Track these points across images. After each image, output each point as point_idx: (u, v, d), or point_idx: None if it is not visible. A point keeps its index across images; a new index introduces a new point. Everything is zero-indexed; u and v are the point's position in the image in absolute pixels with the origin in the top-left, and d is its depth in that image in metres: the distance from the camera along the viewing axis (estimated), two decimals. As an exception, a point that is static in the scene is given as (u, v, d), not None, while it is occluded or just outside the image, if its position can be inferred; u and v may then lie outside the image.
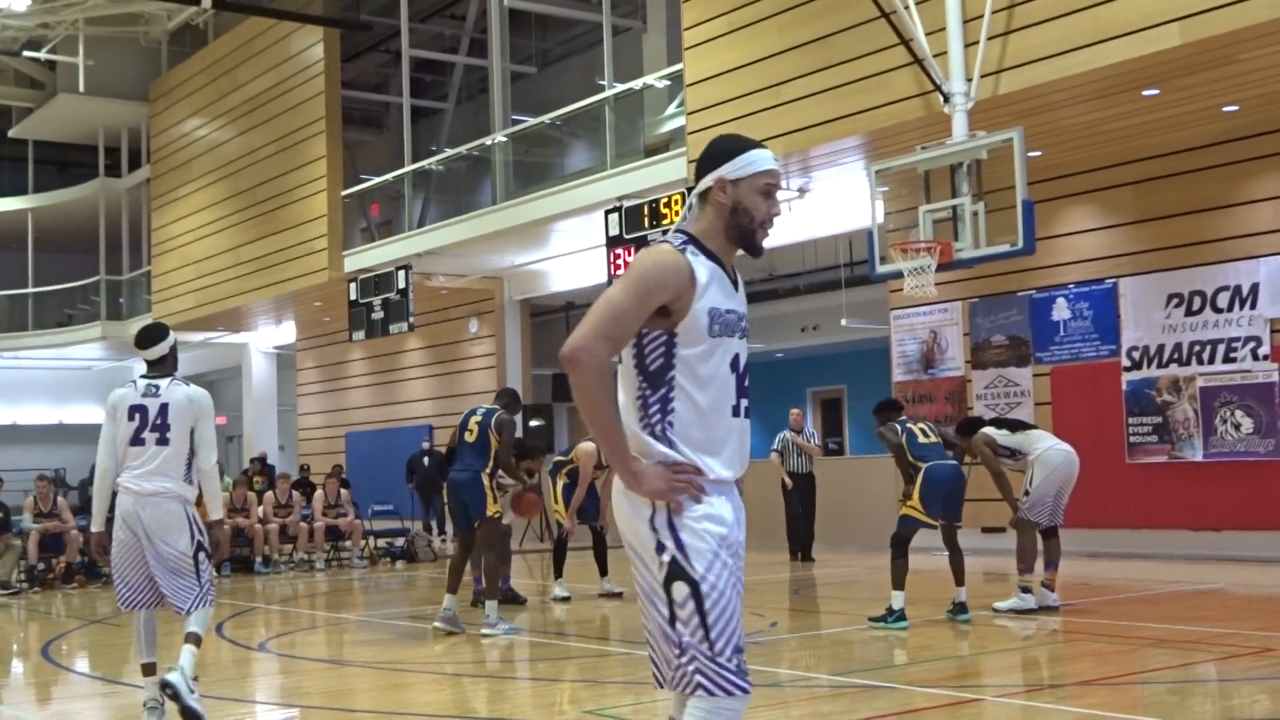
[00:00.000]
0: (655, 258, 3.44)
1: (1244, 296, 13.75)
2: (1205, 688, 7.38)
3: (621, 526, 3.47)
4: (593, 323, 3.40)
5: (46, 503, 16.15)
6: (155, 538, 6.64)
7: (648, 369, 3.46)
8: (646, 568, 3.39)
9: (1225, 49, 11.37)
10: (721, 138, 3.62)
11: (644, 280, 3.40)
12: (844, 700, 7.06)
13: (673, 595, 3.33)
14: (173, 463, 6.72)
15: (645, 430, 3.43)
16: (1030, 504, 10.48)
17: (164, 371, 7.00)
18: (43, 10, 25.35)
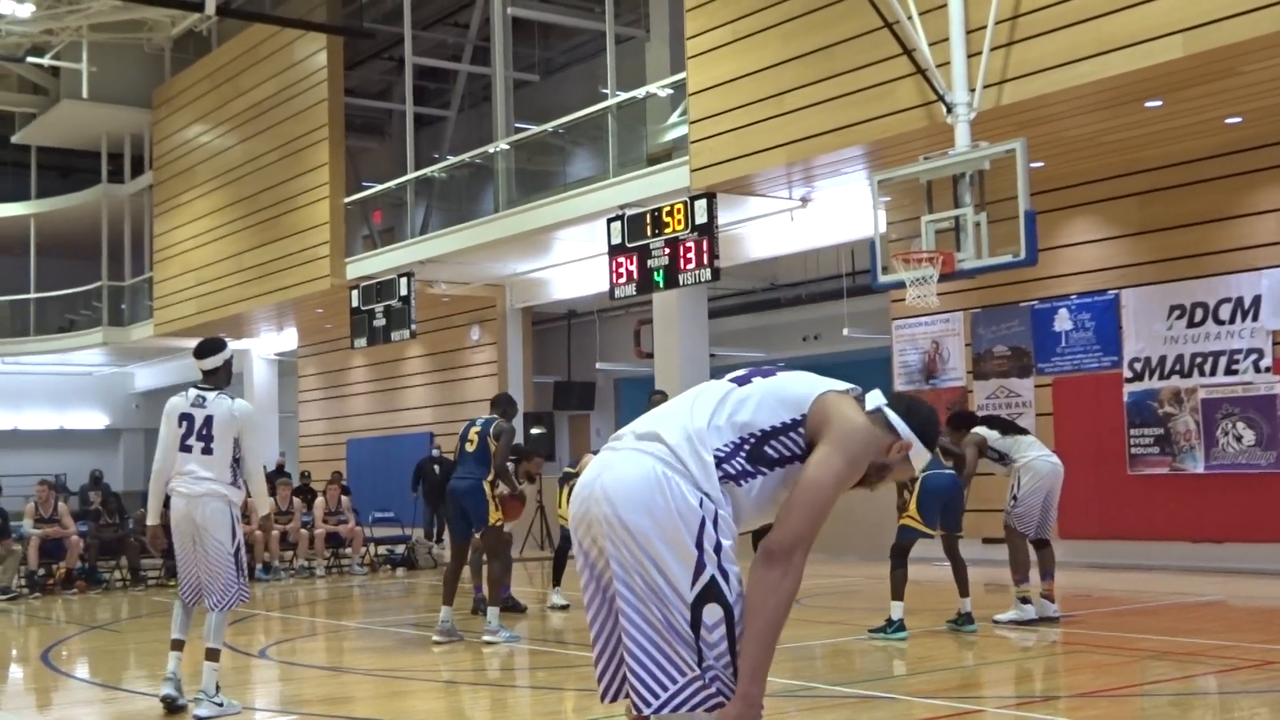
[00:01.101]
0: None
1: (1246, 308, 13.76)
2: (1206, 700, 7.37)
3: (642, 520, 3.26)
4: (815, 518, 3.31)
5: (47, 508, 16.15)
6: (206, 534, 7.32)
7: (765, 445, 3.42)
8: (662, 573, 3.24)
9: (1228, 61, 11.37)
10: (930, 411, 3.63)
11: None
12: (844, 711, 7.05)
13: (703, 616, 3.24)
14: (217, 469, 7.38)
15: (720, 472, 3.35)
16: (1019, 513, 10.44)
17: (215, 383, 7.69)
18: (47, 16, 25.38)
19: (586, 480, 3.40)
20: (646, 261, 16.38)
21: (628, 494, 3.29)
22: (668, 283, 16.28)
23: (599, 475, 3.38)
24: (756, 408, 3.42)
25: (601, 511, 3.31)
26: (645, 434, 3.42)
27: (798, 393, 3.45)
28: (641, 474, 3.30)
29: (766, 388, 3.46)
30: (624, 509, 3.28)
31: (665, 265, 16.17)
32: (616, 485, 3.31)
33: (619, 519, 3.28)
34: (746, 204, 16.77)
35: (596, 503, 3.33)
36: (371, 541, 18.84)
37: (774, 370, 3.59)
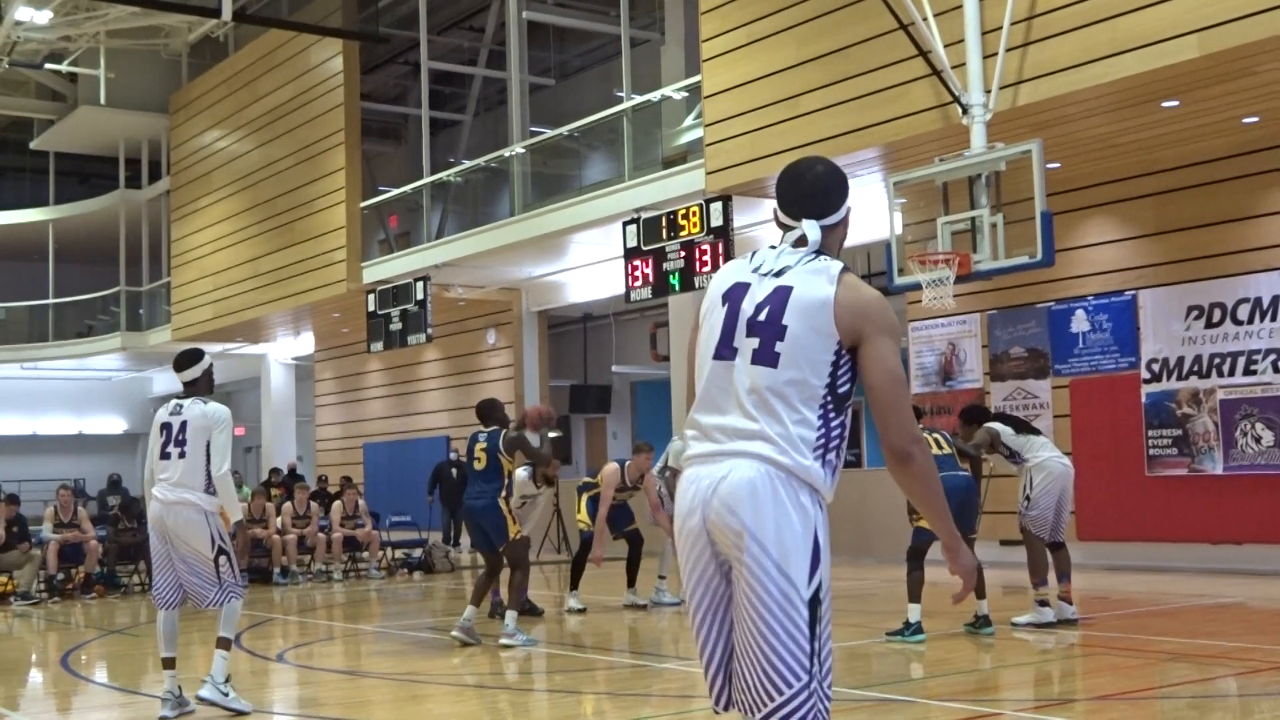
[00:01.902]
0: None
1: (1264, 309, 13.70)
2: (1225, 703, 7.34)
3: (766, 526, 3.28)
4: (905, 409, 3.40)
5: (67, 512, 16.21)
6: (178, 541, 7.37)
7: (838, 391, 3.42)
8: (787, 577, 3.28)
9: (1244, 61, 11.33)
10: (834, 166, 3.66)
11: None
12: (861, 714, 7.04)
13: (820, 614, 3.31)
14: (190, 474, 7.38)
15: (816, 459, 3.36)
16: (1034, 516, 10.40)
17: (195, 393, 7.62)
18: (64, 23, 25.50)
19: (699, 489, 3.38)
20: (662, 264, 16.38)
21: (748, 502, 3.30)
22: (683, 285, 16.29)
23: (714, 485, 3.35)
24: (810, 368, 3.38)
25: (724, 522, 3.32)
26: (738, 432, 3.37)
27: (818, 318, 3.39)
28: (757, 480, 3.31)
29: (795, 342, 3.38)
30: (748, 519, 3.29)
31: (681, 268, 16.17)
32: (734, 494, 3.31)
33: (745, 529, 3.29)
34: (762, 206, 16.75)
35: (718, 513, 3.33)
36: (388, 545, 18.87)
37: (762, 313, 3.45)
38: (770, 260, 3.51)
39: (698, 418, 3.48)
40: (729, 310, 3.49)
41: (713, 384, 3.46)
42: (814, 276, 3.42)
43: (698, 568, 3.41)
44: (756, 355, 3.39)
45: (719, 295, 3.55)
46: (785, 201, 3.59)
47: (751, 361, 3.39)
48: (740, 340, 3.43)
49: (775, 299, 3.42)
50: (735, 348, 3.44)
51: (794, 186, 3.58)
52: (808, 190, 3.56)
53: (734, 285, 3.53)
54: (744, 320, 3.45)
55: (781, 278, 3.44)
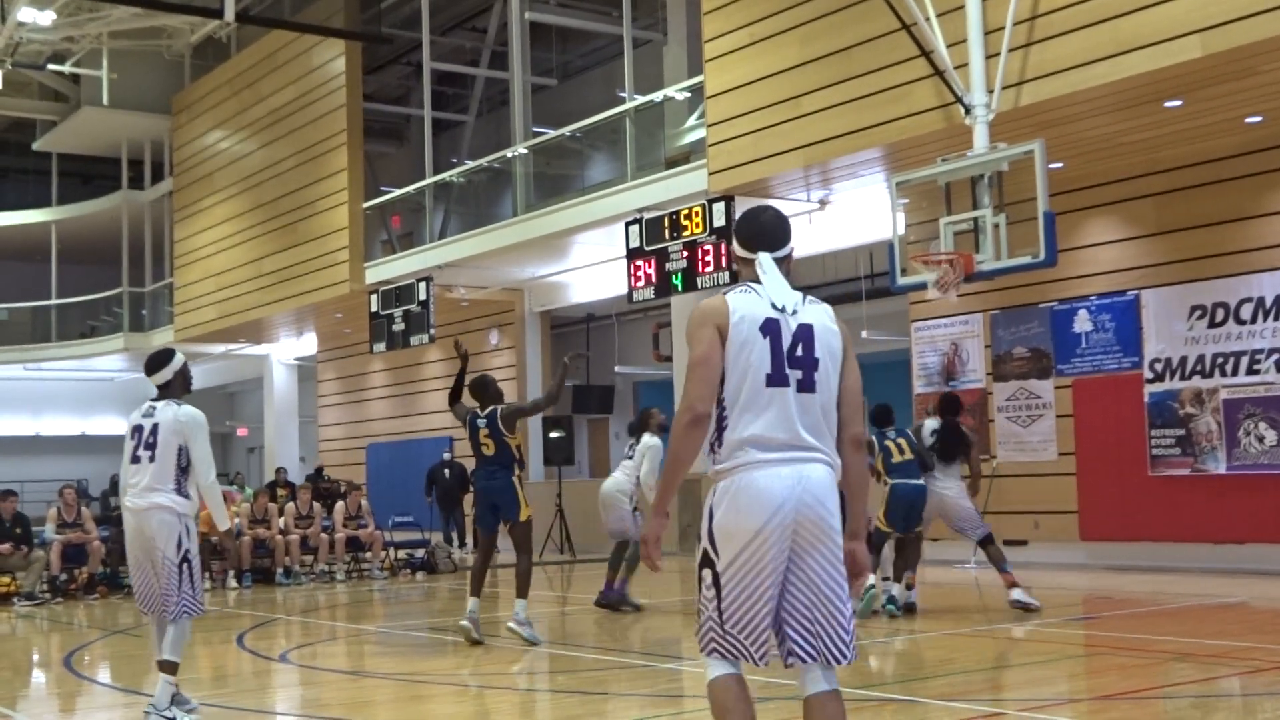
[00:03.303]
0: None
1: (1267, 308, 13.68)
2: (1229, 703, 7.33)
3: (829, 496, 4.18)
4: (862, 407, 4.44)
5: (71, 513, 16.22)
6: (153, 547, 7.16)
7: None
8: (836, 538, 4.19)
9: (1247, 61, 11.33)
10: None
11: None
12: (864, 714, 7.03)
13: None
14: (161, 477, 7.17)
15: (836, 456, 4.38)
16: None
17: (169, 395, 7.42)
18: (67, 24, 25.52)
19: (785, 487, 4.12)
20: (665, 264, 16.38)
21: (830, 497, 4.20)
22: (686, 285, 16.29)
23: (800, 483, 4.13)
24: (833, 388, 4.30)
25: (814, 515, 4.15)
26: (802, 443, 4.17)
27: (836, 349, 4.31)
28: (828, 479, 4.20)
29: (825, 370, 4.24)
30: (829, 512, 4.18)
31: (683, 268, 16.17)
32: (820, 489, 4.16)
33: (826, 521, 4.17)
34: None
35: (808, 507, 4.14)
36: (391, 546, 18.87)
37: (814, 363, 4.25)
38: (781, 298, 4.25)
39: (760, 434, 4.15)
40: (772, 343, 4.19)
41: (771, 405, 4.16)
42: (823, 315, 4.30)
43: (779, 552, 4.12)
44: (801, 384, 4.19)
45: (755, 328, 4.19)
46: (745, 237, 4.38)
47: (799, 390, 4.18)
48: (787, 370, 4.18)
49: (804, 335, 4.22)
50: (786, 375, 4.18)
51: (753, 224, 4.39)
52: (768, 229, 4.38)
53: (767, 319, 4.21)
54: (786, 353, 4.19)
55: (799, 316, 4.24)
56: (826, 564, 4.14)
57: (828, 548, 4.14)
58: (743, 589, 4.12)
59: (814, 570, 4.14)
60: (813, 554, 4.13)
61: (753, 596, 4.12)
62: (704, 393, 4.15)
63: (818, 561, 4.14)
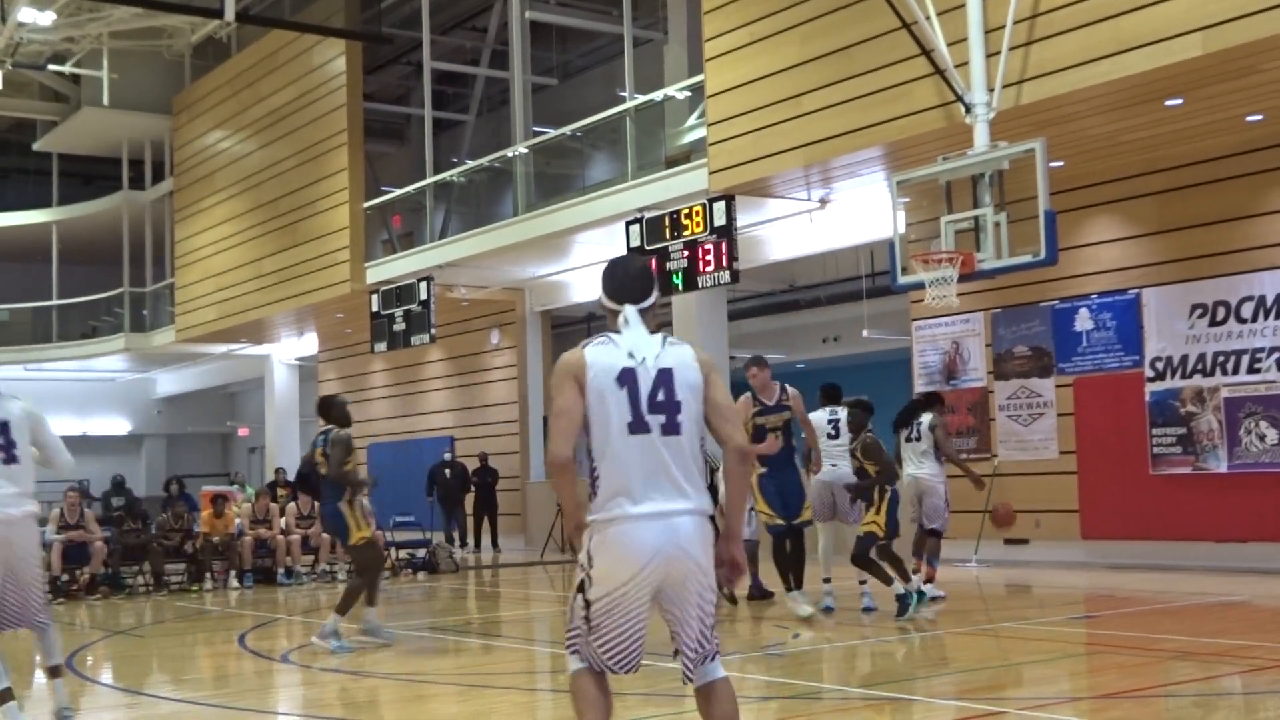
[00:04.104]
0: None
1: (1268, 307, 13.68)
2: (1230, 701, 7.33)
3: (699, 554, 4.45)
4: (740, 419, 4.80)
5: (74, 514, 16.23)
6: (21, 563, 6.76)
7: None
8: (710, 581, 4.49)
9: (1247, 59, 11.32)
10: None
11: None
12: (866, 713, 7.04)
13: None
14: (24, 479, 6.78)
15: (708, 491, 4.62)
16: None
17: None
18: (67, 24, 25.51)
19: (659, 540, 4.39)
20: (665, 264, 16.38)
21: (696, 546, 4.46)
22: (686, 285, 16.29)
23: (669, 537, 4.40)
24: (698, 428, 4.51)
25: (681, 565, 4.42)
26: (678, 490, 4.42)
27: (698, 388, 4.50)
28: (697, 529, 4.45)
29: (689, 412, 4.46)
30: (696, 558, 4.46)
31: (684, 268, 16.18)
32: (687, 543, 4.42)
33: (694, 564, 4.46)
34: (765, 206, 16.76)
35: (676, 560, 4.41)
36: (392, 545, 18.88)
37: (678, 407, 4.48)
38: (639, 349, 4.46)
39: (628, 484, 4.38)
40: (630, 392, 4.39)
41: (636, 454, 4.38)
42: (683, 355, 4.50)
43: (648, 594, 4.43)
44: (665, 428, 4.40)
45: (611, 379, 4.41)
46: (611, 291, 4.67)
47: (664, 434, 4.39)
48: (649, 417, 4.39)
49: (664, 380, 4.42)
50: (647, 421, 4.38)
51: (617, 278, 4.69)
52: (630, 283, 4.66)
53: (623, 370, 4.42)
54: (647, 400, 4.39)
55: (660, 361, 4.44)
56: (695, 595, 4.46)
57: (695, 581, 4.45)
58: (612, 622, 4.47)
59: (684, 601, 4.46)
60: (681, 591, 4.44)
61: (620, 628, 4.47)
62: (562, 442, 4.44)
63: (685, 596, 4.45)
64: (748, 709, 7.50)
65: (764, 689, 8.07)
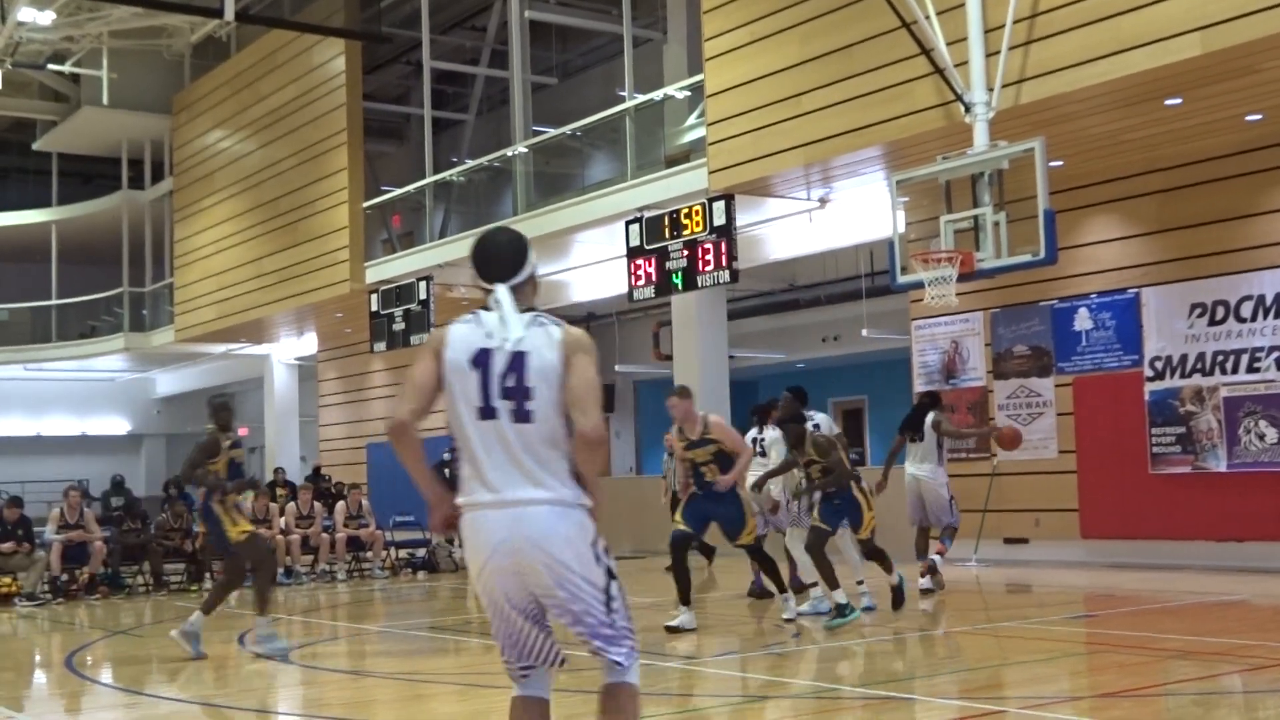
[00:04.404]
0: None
1: (1268, 306, 13.68)
2: (1230, 700, 7.34)
3: (554, 547, 4.17)
4: (599, 405, 4.22)
5: (74, 514, 16.23)
6: None
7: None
8: (583, 575, 4.22)
9: (1247, 59, 11.32)
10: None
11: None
12: (866, 712, 7.04)
13: (612, 592, 4.29)
14: None
15: (572, 483, 4.27)
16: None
17: None
18: (67, 24, 25.51)
19: (504, 531, 4.18)
20: (665, 263, 16.39)
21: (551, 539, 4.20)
22: (686, 285, 16.29)
23: (516, 528, 4.17)
24: (556, 415, 4.21)
25: (534, 559, 4.19)
26: (528, 480, 4.20)
27: (554, 373, 4.21)
28: (550, 520, 4.19)
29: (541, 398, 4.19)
30: (552, 553, 4.21)
31: (684, 267, 16.18)
32: (538, 535, 4.18)
33: (553, 560, 4.21)
34: (765, 205, 16.76)
35: (524, 553, 4.18)
36: (392, 545, 18.88)
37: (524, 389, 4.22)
38: (500, 329, 4.23)
39: (480, 471, 4.21)
40: (482, 375, 4.20)
41: (486, 440, 4.20)
42: (544, 337, 4.22)
43: (505, 589, 4.23)
44: (516, 415, 4.17)
45: (466, 360, 4.22)
46: (479, 270, 4.36)
47: (514, 421, 4.17)
48: (498, 402, 4.18)
49: (517, 364, 4.18)
50: (495, 408, 4.18)
51: (484, 257, 4.38)
52: (495, 259, 4.36)
53: (479, 351, 4.22)
54: (496, 384, 4.19)
55: (519, 344, 4.20)
56: (563, 591, 4.21)
57: (554, 574, 4.19)
58: (491, 616, 4.35)
59: (553, 597, 4.23)
60: (545, 587, 4.21)
61: (496, 622, 4.33)
62: (400, 405, 4.28)
63: (551, 592, 4.21)
64: (748, 709, 7.51)
65: (764, 688, 8.07)
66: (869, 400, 26.78)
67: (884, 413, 25.34)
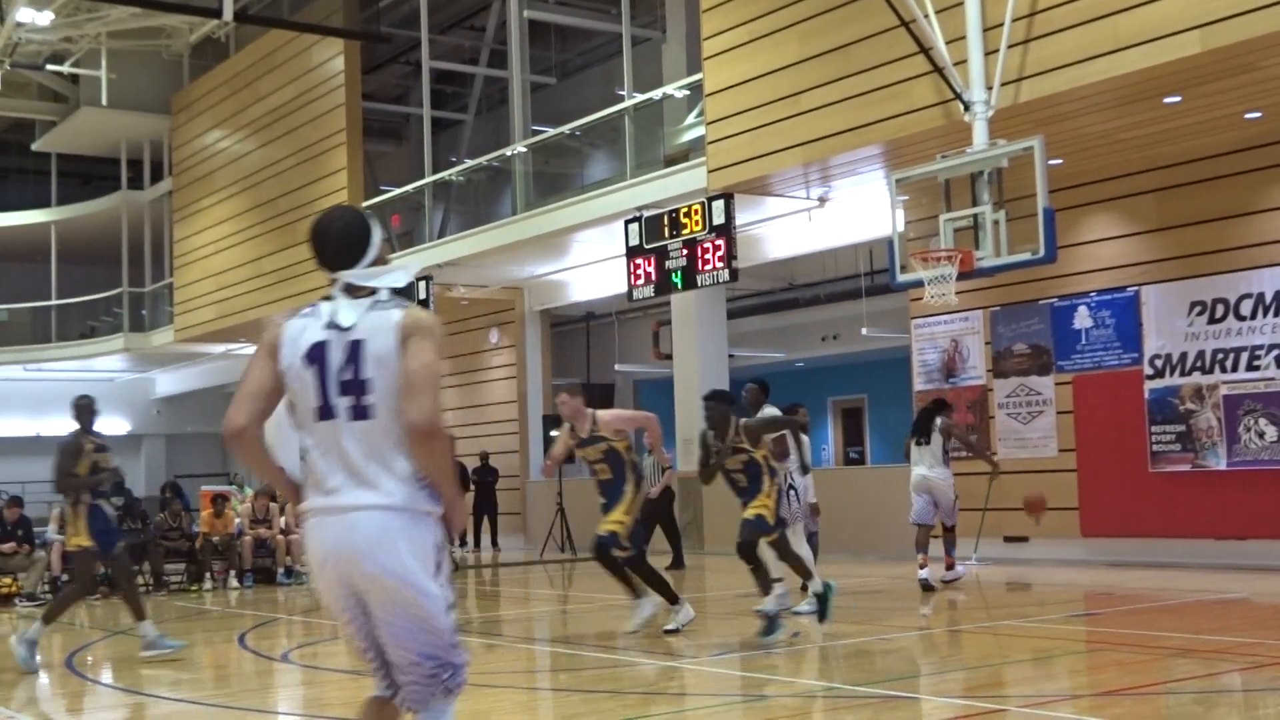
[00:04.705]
0: (439, 320, 4.04)
1: (1267, 304, 13.69)
2: (1230, 698, 7.34)
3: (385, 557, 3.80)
4: (434, 393, 3.80)
5: (74, 514, 16.19)
6: None
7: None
8: (420, 590, 3.83)
9: (1246, 56, 11.32)
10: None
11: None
12: (867, 711, 7.04)
13: (452, 617, 3.95)
14: None
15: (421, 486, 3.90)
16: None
17: None
18: (66, 24, 25.51)
19: (334, 540, 3.88)
20: (664, 263, 16.39)
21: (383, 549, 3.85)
22: (686, 284, 16.29)
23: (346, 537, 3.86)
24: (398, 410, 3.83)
25: (366, 570, 3.84)
26: (365, 484, 3.86)
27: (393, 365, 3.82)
28: (384, 527, 3.83)
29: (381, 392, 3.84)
30: (384, 564, 3.85)
31: (683, 266, 16.18)
32: (368, 545, 3.84)
33: (385, 572, 3.85)
34: (764, 204, 16.76)
35: (356, 564, 3.85)
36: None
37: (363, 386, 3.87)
38: (339, 315, 3.89)
39: (318, 475, 3.93)
40: (319, 372, 3.87)
41: (324, 442, 3.91)
42: (382, 322, 3.84)
43: (343, 600, 3.93)
44: (355, 412, 3.84)
45: (301, 357, 3.89)
46: (318, 258, 4.00)
47: (353, 419, 3.84)
48: (335, 399, 3.86)
49: (355, 355, 3.83)
50: (333, 406, 3.87)
51: (322, 243, 3.99)
52: (335, 245, 3.97)
53: (315, 345, 3.88)
54: (334, 380, 3.86)
55: (353, 332, 3.84)
56: (402, 614, 3.85)
57: (381, 587, 3.83)
58: (341, 625, 4.09)
59: (385, 615, 3.88)
60: (378, 602, 3.87)
61: (346, 632, 4.07)
62: (234, 409, 4.01)
63: (385, 609, 3.86)
64: (748, 708, 7.50)
65: (764, 688, 8.07)
66: (868, 399, 26.79)
67: (883, 412, 25.35)
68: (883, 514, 17.16)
